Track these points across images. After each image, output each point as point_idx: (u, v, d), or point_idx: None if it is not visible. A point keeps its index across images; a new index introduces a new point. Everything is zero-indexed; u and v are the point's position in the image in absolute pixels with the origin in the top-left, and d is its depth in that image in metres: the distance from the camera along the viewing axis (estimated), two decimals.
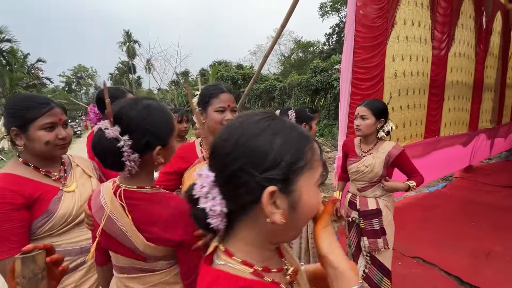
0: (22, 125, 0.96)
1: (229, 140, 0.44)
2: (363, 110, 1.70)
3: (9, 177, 0.95)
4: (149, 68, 22.12)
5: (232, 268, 0.45)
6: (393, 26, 2.81)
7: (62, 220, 0.98)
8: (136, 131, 0.71)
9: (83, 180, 1.11)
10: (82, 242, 1.03)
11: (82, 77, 41.37)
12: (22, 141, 0.97)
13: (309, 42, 27.08)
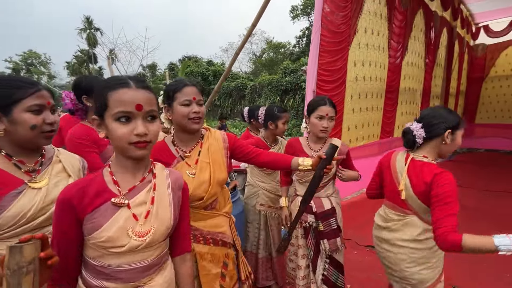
0: (5, 105, 0.83)
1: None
2: (331, 111, 1.53)
3: None
4: (113, 59, 20.74)
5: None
6: (355, 33, 3.04)
7: (11, 222, 0.81)
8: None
9: (58, 179, 0.95)
10: None
11: (33, 64, 37.35)
12: (2, 124, 0.83)
13: (280, 43, 27.59)
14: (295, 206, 1.64)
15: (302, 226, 1.62)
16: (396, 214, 1.32)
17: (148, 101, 0.75)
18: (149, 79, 23.17)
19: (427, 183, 1.15)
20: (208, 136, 1.24)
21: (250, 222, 2.05)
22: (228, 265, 1.26)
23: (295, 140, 1.70)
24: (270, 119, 1.97)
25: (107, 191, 0.77)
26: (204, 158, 1.18)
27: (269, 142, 2.03)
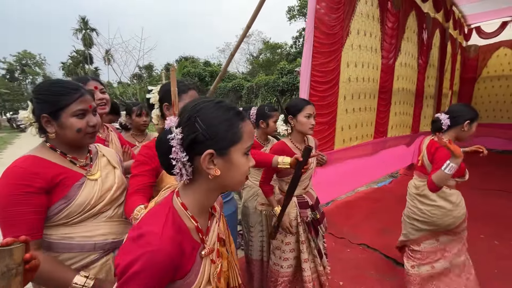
0: (54, 111, 0.92)
1: None
2: (314, 109, 1.60)
3: (34, 159, 0.91)
4: (108, 59, 20.63)
5: None
6: (348, 34, 3.09)
7: (80, 209, 0.94)
8: (186, 125, 0.61)
9: (108, 171, 1.07)
10: (96, 238, 0.97)
11: (28, 65, 37.01)
12: (53, 128, 0.93)
13: (277, 44, 27.67)
14: (290, 207, 1.64)
15: (304, 222, 1.67)
16: (421, 180, 1.87)
17: None
18: (145, 79, 23.06)
19: (432, 153, 1.75)
20: None
21: (253, 226, 2.00)
22: (222, 265, 1.28)
23: (281, 143, 1.68)
24: (262, 118, 2.01)
25: (194, 241, 0.65)
26: None
27: (262, 141, 2.07)
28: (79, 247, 0.94)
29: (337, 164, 3.33)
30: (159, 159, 0.66)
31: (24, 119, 0.95)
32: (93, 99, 1.02)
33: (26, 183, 0.85)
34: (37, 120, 0.93)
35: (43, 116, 0.92)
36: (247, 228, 2.06)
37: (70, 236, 0.93)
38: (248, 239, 2.06)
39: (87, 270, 0.94)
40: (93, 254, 0.96)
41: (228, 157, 0.63)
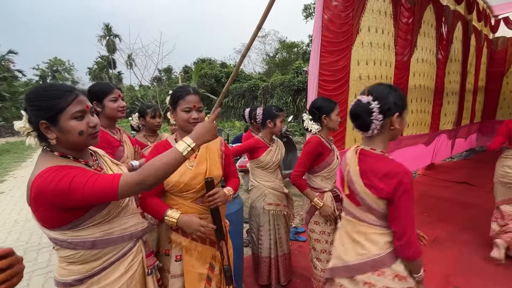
0: (52, 116, 0.88)
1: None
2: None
3: (50, 169, 0.87)
4: (130, 64, 21.54)
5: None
6: (358, 32, 3.04)
7: (116, 205, 1.00)
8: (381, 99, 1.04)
9: (116, 168, 1.13)
10: (131, 228, 1.06)
11: (58, 71, 39.49)
12: (54, 134, 0.90)
13: (293, 43, 27.45)
14: (327, 202, 1.79)
15: (340, 217, 1.69)
16: None
17: None
18: (164, 82, 23.80)
19: None
20: None
21: (262, 225, 2.06)
22: (214, 268, 1.32)
23: (318, 138, 1.78)
24: (269, 118, 2.05)
25: None
26: (202, 154, 1.33)
27: (267, 141, 2.10)
28: (120, 239, 1.02)
29: None
30: (356, 122, 1.13)
31: (20, 129, 0.90)
32: (88, 99, 0.99)
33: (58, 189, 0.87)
34: (35, 128, 0.90)
35: (42, 123, 0.88)
36: (256, 228, 2.11)
37: (110, 232, 0.99)
38: (258, 238, 2.10)
39: (126, 257, 1.04)
40: (130, 243, 1.06)
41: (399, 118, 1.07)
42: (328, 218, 1.76)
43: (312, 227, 1.82)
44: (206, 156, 1.33)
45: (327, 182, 1.83)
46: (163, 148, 1.30)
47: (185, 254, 1.27)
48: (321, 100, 1.87)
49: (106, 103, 1.60)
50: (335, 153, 1.84)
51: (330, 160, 1.79)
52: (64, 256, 0.95)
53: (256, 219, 2.09)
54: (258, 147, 2.03)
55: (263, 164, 2.03)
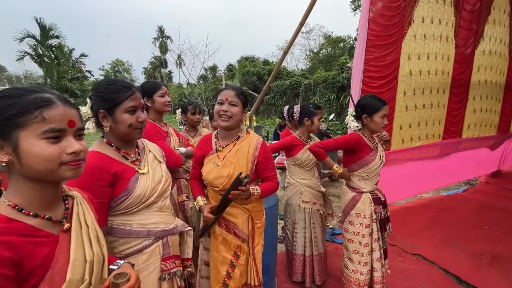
0: (110, 107, 1.00)
1: None
2: (387, 109, 1.70)
3: (99, 155, 1.01)
4: (179, 63, 23.04)
5: None
6: (410, 24, 2.80)
7: (137, 200, 1.03)
8: None
9: (155, 165, 1.16)
10: (150, 226, 1.08)
11: (119, 71, 44.17)
12: (108, 123, 1.02)
13: (340, 37, 26.23)
14: (364, 204, 1.73)
15: (377, 220, 1.73)
16: None
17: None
18: (210, 80, 24.90)
19: None
20: (244, 139, 1.40)
21: (297, 223, 2.08)
22: (239, 257, 1.36)
23: (358, 135, 1.73)
24: (306, 116, 2.04)
25: None
26: (230, 158, 1.36)
27: (304, 138, 2.09)
28: (136, 233, 1.05)
29: (395, 166, 3.07)
30: None
31: (83, 114, 1.01)
32: (142, 98, 1.10)
33: (97, 177, 0.97)
34: (94, 115, 1.02)
35: (100, 112, 1.00)
36: (291, 225, 2.12)
37: (129, 223, 1.04)
38: (292, 235, 2.11)
39: (140, 255, 1.05)
40: (146, 240, 1.06)
41: None
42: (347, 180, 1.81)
43: (347, 227, 1.79)
44: (233, 160, 1.33)
45: (366, 182, 1.75)
46: (206, 141, 1.46)
47: (212, 237, 1.38)
48: (369, 98, 1.74)
49: (155, 98, 1.75)
50: (378, 153, 1.73)
51: (369, 159, 1.70)
52: None
53: (292, 216, 2.10)
54: (294, 145, 2.03)
55: (300, 162, 2.03)
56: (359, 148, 1.70)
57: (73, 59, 25.51)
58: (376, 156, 1.71)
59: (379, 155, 1.73)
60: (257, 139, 1.40)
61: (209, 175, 1.35)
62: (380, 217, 1.72)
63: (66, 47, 23.68)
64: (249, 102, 1.50)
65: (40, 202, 0.66)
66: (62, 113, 0.64)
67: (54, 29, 20.65)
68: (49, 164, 0.62)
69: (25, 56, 20.52)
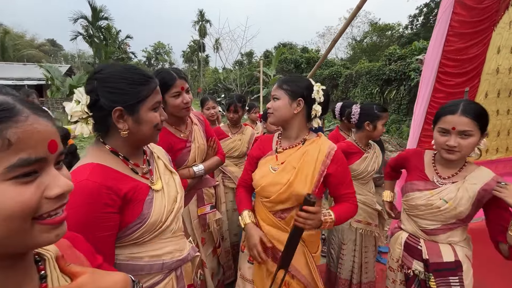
0: (132, 104, 0.75)
1: None
2: (466, 123, 1.06)
3: (102, 169, 0.73)
4: (217, 48, 23.05)
5: None
6: (507, 8, 2.23)
7: (153, 227, 0.79)
8: None
9: (167, 177, 0.91)
10: (164, 256, 0.83)
11: (160, 53, 45.82)
12: (125, 124, 0.76)
13: (388, 25, 24.09)
14: (395, 242, 1.31)
15: (402, 271, 1.28)
16: None
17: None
18: (245, 66, 24.68)
19: None
20: (312, 142, 1.14)
21: (345, 244, 1.80)
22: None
23: (419, 153, 1.32)
24: (368, 119, 1.69)
25: None
26: (294, 159, 1.11)
27: (362, 145, 1.76)
28: (148, 268, 0.80)
29: None
30: None
31: (74, 113, 0.73)
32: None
33: (105, 201, 0.70)
34: (98, 114, 0.75)
35: (116, 110, 0.74)
36: (337, 244, 1.85)
37: (139, 256, 0.79)
38: (338, 256, 1.84)
39: None
40: (158, 275, 0.83)
41: None
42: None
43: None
44: (297, 165, 1.09)
45: (409, 220, 1.33)
46: (266, 141, 1.26)
47: (256, 268, 1.16)
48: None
49: (167, 100, 1.27)
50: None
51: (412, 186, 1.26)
52: None
53: (339, 234, 1.81)
54: (350, 152, 1.71)
55: (356, 174, 1.71)
56: (413, 165, 1.30)
57: (119, 40, 26.87)
58: (425, 192, 1.20)
59: (435, 194, 1.17)
60: (329, 145, 1.13)
61: (262, 180, 1.12)
62: (413, 274, 1.23)
63: (113, 28, 24.97)
64: None
65: None
66: (38, 129, 0.36)
67: (103, 11, 21.79)
68: (17, 224, 0.34)
69: (78, 36, 22.04)
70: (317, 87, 1.13)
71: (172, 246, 0.86)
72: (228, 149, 2.07)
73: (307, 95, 1.12)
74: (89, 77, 0.76)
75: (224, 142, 2.07)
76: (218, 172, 2.09)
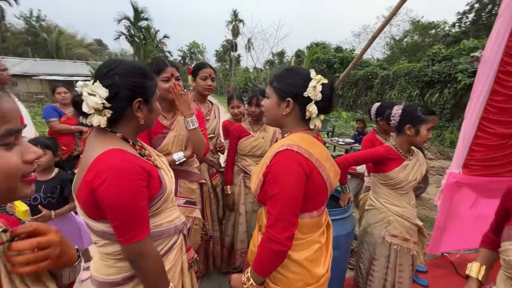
0: (149, 96, 0.89)
1: None
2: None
3: (126, 153, 0.84)
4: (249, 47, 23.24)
5: None
6: None
7: (168, 198, 0.95)
8: None
9: (160, 158, 1.06)
10: (175, 220, 1.01)
11: (194, 53, 47.42)
12: (142, 113, 0.89)
13: (431, 23, 22.35)
14: None
15: None
16: None
17: None
18: (276, 65, 24.52)
19: None
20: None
21: (377, 259, 1.61)
22: None
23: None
24: (410, 122, 1.50)
25: None
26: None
27: (403, 152, 1.56)
28: (167, 231, 0.96)
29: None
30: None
31: (96, 105, 0.79)
32: None
33: (140, 177, 0.82)
34: (119, 105, 0.83)
35: (137, 101, 0.85)
36: (367, 258, 1.67)
37: (159, 223, 0.94)
38: (367, 272, 1.67)
39: (171, 252, 0.98)
40: (174, 236, 1.01)
41: None
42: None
43: None
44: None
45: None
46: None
47: None
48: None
49: (158, 83, 1.43)
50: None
51: None
52: (112, 252, 0.86)
53: (370, 248, 1.63)
54: (389, 158, 1.53)
55: (394, 183, 1.53)
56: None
57: (157, 40, 28.25)
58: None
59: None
60: (282, 144, 0.95)
61: None
62: None
63: (152, 28, 26.32)
64: None
65: None
66: (15, 108, 0.49)
67: (144, 12, 23.06)
68: (13, 181, 0.49)
69: (121, 36, 23.59)
70: (314, 82, 0.94)
71: (176, 212, 1.03)
72: (250, 148, 1.98)
73: (297, 93, 0.95)
74: (106, 72, 0.84)
75: (246, 140, 1.97)
76: (239, 171, 2.02)
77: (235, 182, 2.04)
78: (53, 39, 26.58)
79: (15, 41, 29.06)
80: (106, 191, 0.76)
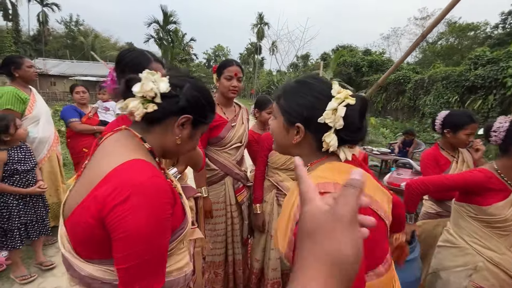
0: (199, 121, 0.72)
1: None
2: None
3: (154, 168, 0.65)
4: (273, 50, 23.12)
5: None
6: None
7: (186, 235, 0.74)
8: None
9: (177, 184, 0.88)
10: (185, 268, 0.76)
11: (219, 55, 48.23)
12: (181, 133, 0.71)
13: (470, 24, 20.82)
14: None
15: None
16: None
17: None
18: (300, 69, 24.10)
19: None
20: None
21: None
22: None
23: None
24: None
25: None
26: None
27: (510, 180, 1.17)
28: (176, 283, 0.71)
29: None
30: None
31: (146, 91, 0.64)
32: None
33: (171, 202, 0.62)
34: (167, 108, 0.66)
35: (187, 117, 0.68)
36: None
37: (169, 271, 0.68)
38: None
39: None
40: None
41: None
42: None
43: None
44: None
45: None
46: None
47: None
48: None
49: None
50: None
51: None
52: None
53: None
54: (489, 189, 1.16)
55: (494, 220, 1.15)
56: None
57: (184, 43, 29.04)
58: None
59: None
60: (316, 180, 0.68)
61: None
62: None
63: (180, 31, 27.10)
64: None
65: None
66: None
67: (173, 15, 23.80)
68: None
69: (150, 39, 24.50)
70: (334, 103, 0.64)
71: (187, 257, 0.78)
72: (284, 160, 1.70)
73: (309, 117, 0.67)
74: (179, 76, 0.71)
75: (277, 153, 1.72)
76: (271, 187, 1.76)
77: (266, 199, 1.78)
78: (89, 42, 28.31)
79: (56, 44, 31.42)
80: (127, 214, 0.53)
